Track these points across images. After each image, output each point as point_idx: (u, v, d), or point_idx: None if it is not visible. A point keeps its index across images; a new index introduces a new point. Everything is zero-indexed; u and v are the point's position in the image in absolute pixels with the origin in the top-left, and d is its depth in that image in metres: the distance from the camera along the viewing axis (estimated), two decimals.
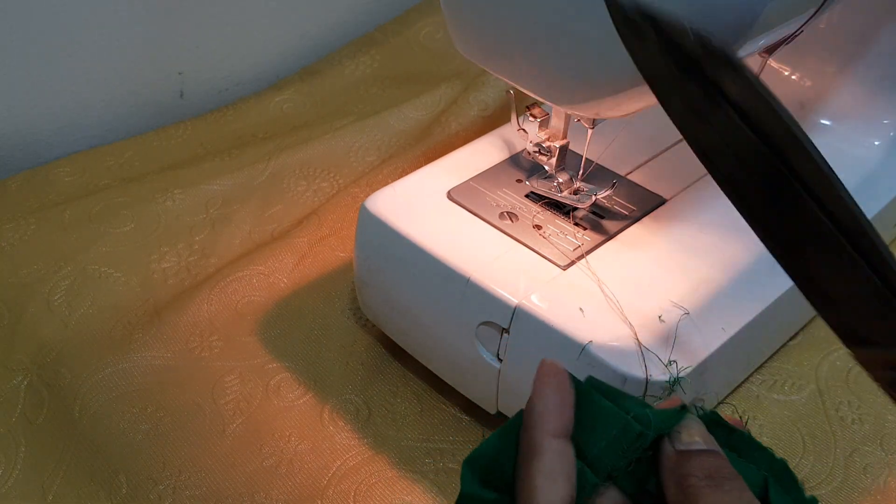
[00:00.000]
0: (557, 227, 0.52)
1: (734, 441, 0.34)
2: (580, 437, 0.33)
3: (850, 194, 0.32)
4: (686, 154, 0.60)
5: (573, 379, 0.34)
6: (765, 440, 0.53)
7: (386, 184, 0.57)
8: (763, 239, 0.34)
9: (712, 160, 0.34)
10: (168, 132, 0.81)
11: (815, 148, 0.32)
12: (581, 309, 0.46)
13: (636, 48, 0.33)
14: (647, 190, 0.56)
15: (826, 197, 0.32)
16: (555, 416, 0.32)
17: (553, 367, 0.33)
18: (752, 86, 0.32)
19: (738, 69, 0.32)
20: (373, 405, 0.55)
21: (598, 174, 0.55)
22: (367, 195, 0.55)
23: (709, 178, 0.59)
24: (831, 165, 0.65)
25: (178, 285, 0.64)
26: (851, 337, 0.35)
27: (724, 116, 0.32)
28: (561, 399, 0.33)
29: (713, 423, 0.34)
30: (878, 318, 0.34)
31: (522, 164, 0.57)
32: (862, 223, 0.32)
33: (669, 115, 0.34)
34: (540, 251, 0.50)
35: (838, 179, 0.32)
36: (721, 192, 0.58)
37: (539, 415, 0.32)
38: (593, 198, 0.52)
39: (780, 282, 0.52)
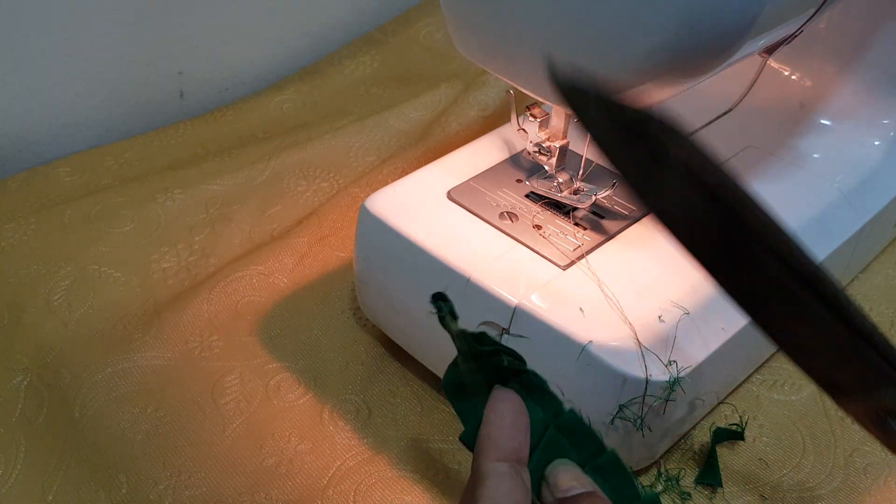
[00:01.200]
0: (557, 227, 0.52)
1: (525, 380, 0.36)
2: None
3: (802, 243, 0.33)
4: None
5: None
6: (765, 440, 0.53)
7: (386, 184, 0.57)
8: (731, 296, 0.34)
9: (672, 226, 0.33)
10: (168, 132, 0.81)
11: (762, 202, 0.33)
12: (581, 309, 0.46)
13: (584, 116, 0.33)
14: None
15: (780, 248, 0.32)
16: (501, 441, 0.32)
17: (504, 393, 0.34)
18: (696, 147, 0.32)
19: (679, 133, 0.32)
20: (373, 405, 0.55)
21: (598, 174, 0.55)
22: (367, 195, 0.55)
23: None
24: (832, 165, 0.65)
25: (178, 285, 0.64)
26: (832, 387, 0.35)
27: (675, 178, 0.32)
28: (509, 423, 0.33)
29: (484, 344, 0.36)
30: (850, 364, 0.34)
31: (522, 164, 0.57)
32: (818, 271, 0.32)
33: (626, 183, 0.33)
34: (540, 251, 0.50)
35: (789, 230, 0.33)
36: None
37: (484, 440, 0.32)
38: (593, 198, 0.52)
39: None
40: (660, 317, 0.47)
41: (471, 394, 0.35)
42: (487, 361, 0.36)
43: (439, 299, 0.35)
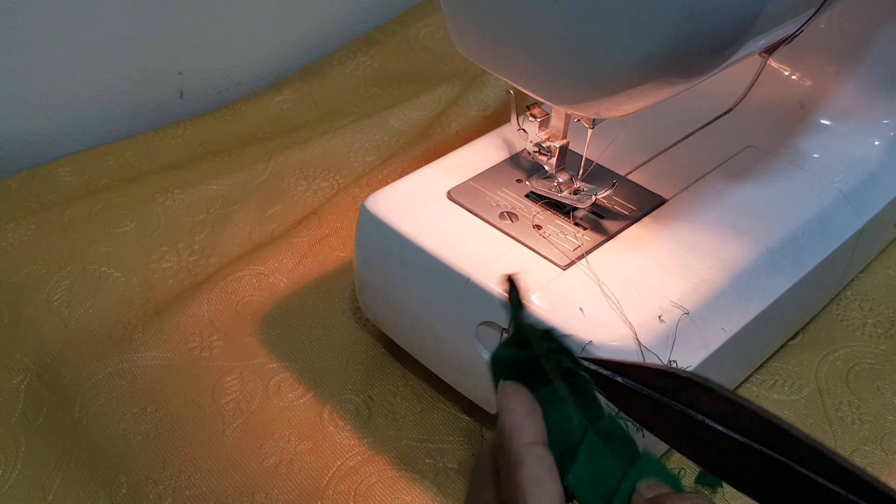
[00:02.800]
0: (557, 227, 0.52)
1: (575, 383, 0.36)
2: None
3: (846, 460, 0.32)
4: (686, 154, 0.60)
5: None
6: None
7: (386, 184, 0.57)
8: None
9: (720, 468, 0.34)
10: (168, 132, 0.81)
11: (800, 430, 0.32)
12: (581, 309, 0.46)
13: (612, 395, 0.35)
14: (647, 190, 0.56)
15: (828, 469, 0.32)
16: (527, 426, 0.33)
17: (512, 385, 0.34)
18: (725, 396, 0.33)
19: (708, 388, 0.33)
20: (373, 405, 0.55)
21: (598, 174, 0.55)
22: (367, 195, 0.55)
23: (709, 178, 0.59)
24: (832, 165, 0.65)
25: (178, 285, 0.64)
26: None
27: (708, 429, 0.33)
28: (528, 410, 0.33)
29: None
30: None
31: (522, 164, 0.57)
32: (872, 481, 0.31)
33: (664, 440, 0.35)
34: (540, 251, 0.50)
35: (830, 450, 0.33)
36: (721, 193, 0.59)
37: (512, 427, 0.33)
38: (593, 198, 0.52)
39: (780, 281, 0.53)
40: (660, 317, 0.47)
41: (519, 379, 0.35)
42: (549, 357, 0.36)
43: (512, 282, 0.35)
